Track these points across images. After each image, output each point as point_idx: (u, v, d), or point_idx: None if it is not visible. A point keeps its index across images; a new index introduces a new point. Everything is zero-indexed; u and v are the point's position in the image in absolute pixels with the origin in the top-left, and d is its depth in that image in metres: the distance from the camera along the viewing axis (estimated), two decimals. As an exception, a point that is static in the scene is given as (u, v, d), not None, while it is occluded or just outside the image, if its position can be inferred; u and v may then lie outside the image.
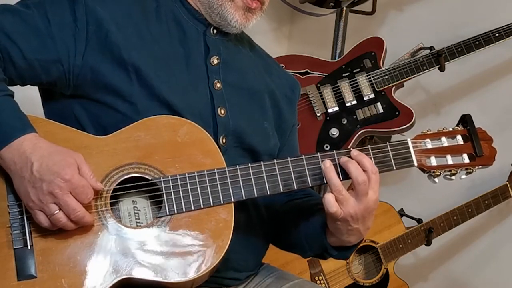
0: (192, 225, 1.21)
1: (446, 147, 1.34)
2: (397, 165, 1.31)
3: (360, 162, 1.25)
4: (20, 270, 1.14)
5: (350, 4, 2.51)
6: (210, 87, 1.37)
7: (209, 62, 1.39)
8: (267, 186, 1.25)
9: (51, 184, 1.12)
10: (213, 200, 1.23)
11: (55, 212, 1.13)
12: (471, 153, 1.34)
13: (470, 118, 1.36)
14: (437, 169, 1.33)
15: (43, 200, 1.12)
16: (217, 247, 1.20)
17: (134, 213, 1.24)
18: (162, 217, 1.21)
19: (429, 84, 2.65)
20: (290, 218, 1.46)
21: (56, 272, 1.15)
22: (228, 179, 1.24)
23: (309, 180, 1.27)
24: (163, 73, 1.31)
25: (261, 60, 1.56)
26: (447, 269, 2.67)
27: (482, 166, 1.36)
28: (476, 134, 1.35)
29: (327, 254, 1.39)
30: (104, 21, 1.28)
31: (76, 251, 1.16)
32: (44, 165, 1.13)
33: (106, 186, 1.20)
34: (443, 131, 1.35)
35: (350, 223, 1.26)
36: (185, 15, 1.40)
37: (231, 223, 1.23)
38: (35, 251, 1.15)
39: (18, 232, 1.16)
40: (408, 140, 1.32)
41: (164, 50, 1.34)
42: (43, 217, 1.14)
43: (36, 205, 1.13)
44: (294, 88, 1.59)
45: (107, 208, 1.19)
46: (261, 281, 1.47)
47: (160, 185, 1.22)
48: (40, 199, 1.13)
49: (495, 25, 2.28)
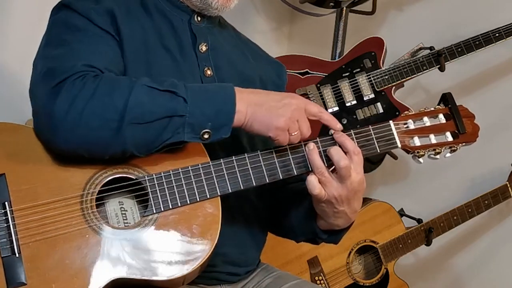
0: (180, 222, 1.21)
1: (428, 126, 1.34)
2: (381, 147, 1.31)
3: (342, 144, 1.26)
4: (9, 278, 1.13)
5: (350, 4, 2.51)
6: (201, 75, 1.38)
7: (198, 50, 1.39)
8: (252, 177, 1.25)
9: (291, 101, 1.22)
10: (199, 195, 1.22)
11: (296, 132, 1.23)
12: (454, 131, 1.35)
13: (451, 96, 1.37)
14: (421, 149, 1.34)
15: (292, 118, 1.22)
16: (206, 242, 1.20)
17: (121, 214, 1.24)
18: (149, 215, 1.21)
19: (429, 84, 2.65)
20: (282, 203, 1.47)
21: (46, 278, 1.14)
22: (213, 173, 1.24)
23: (294, 168, 1.27)
24: (168, 68, 1.32)
25: (246, 45, 1.57)
26: (447, 269, 2.67)
27: (465, 143, 1.36)
28: (457, 112, 1.36)
29: (318, 238, 1.40)
30: (117, 20, 1.29)
31: (65, 255, 1.15)
32: (265, 93, 1.25)
33: (91, 189, 1.20)
34: (425, 111, 1.36)
35: (335, 205, 1.27)
36: (167, 6, 1.40)
37: (218, 217, 1.22)
38: (23, 258, 1.14)
39: (5, 241, 1.14)
40: (390, 122, 1.33)
41: (162, 46, 1.35)
42: (286, 135, 1.22)
43: (287, 123, 1.21)
44: (280, 74, 1.60)
45: (93, 211, 1.19)
46: (260, 282, 1.47)
47: (145, 184, 1.21)
48: (286, 121, 1.21)
49: (495, 25, 2.28)
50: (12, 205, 1.16)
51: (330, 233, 1.38)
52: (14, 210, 1.16)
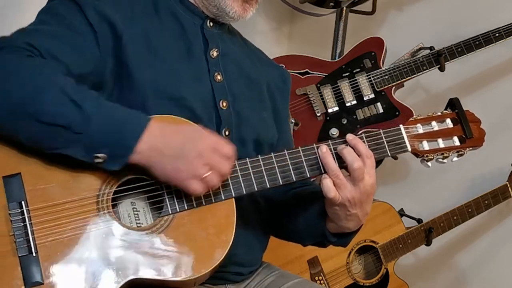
0: (196, 222, 1.21)
1: (437, 131, 1.36)
2: (391, 151, 1.33)
3: (354, 147, 1.27)
4: (26, 277, 1.13)
5: (350, 4, 2.51)
6: (211, 80, 1.38)
7: (209, 55, 1.40)
8: (266, 179, 1.26)
9: (195, 148, 1.15)
10: (214, 197, 1.23)
11: (208, 173, 1.16)
12: (461, 135, 1.37)
13: (458, 101, 1.38)
14: (430, 153, 1.36)
15: (194, 165, 1.15)
16: (222, 243, 1.20)
17: (133, 214, 1.24)
18: (165, 216, 1.21)
19: (429, 84, 2.65)
20: (289, 207, 1.47)
21: (63, 277, 1.14)
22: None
23: (307, 171, 1.28)
24: (167, 71, 1.32)
25: (252, 52, 1.58)
26: (447, 269, 2.67)
27: (472, 147, 1.38)
28: (465, 117, 1.37)
29: (327, 241, 1.40)
30: (116, 24, 1.28)
31: (82, 255, 1.16)
32: (181, 136, 1.17)
33: (107, 189, 1.20)
34: (433, 116, 1.37)
35: (348, 208, 1.28)
36: (181, 9, 1.41)
37: (233, 218, 1.23)
38: (40, 258, 1.14)
39: (22, 240, 1.14)
40: (401, 126, 1.34)
41: (168, 47, 1.35)
42: (198, 183, 1.16)
43: (188, 173, 1.15)
44: (285, 80, 1.61)
45: (109, 211, 1.19)
46: (262, 280, 1.48)
47: (160, 185, 1.22)
48: (191, 164, 1.15)
49: (495, 25, 2.28)
50: (28, 204, 1.16)
51: (339, 236, 1.38)
52: (31, 210, 1.16)
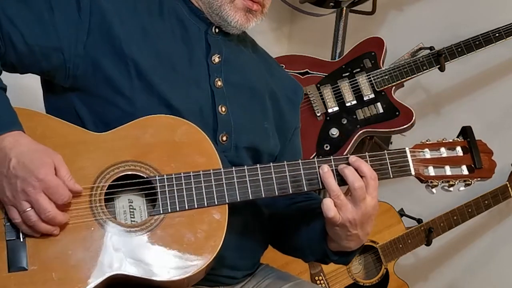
0: (185, 225, 1.21)
1: (445, 157, 1.33)
2: (394, 173, 1.30)
3: (358, 168, 1.25)
4: (11, 261, 1.14)
5: (350, 4, 2.51)
6: (211, 84, 1.38)
7: (210, 60, 1.39)
8: (262, 189, 1.25)
9: (24, 181, 1.12)
10: (207, 201, 1.22)
11: (27, 209, 1.12)
12: (470, 165, 1.34)
13: (471, 130, 1.35)
14: (435, 179, 1.32)
15: (16, 197, 1.13)
16: (209, 247, 1.20)
17: (129, 211, 1.24)
18: (156, 215, 1.21)
19: (429, 84, 2.65)
20: (292, 222, 1.46)
21: (47, 266, 1.15)
22: (223, 180, 1.24)
23: (304, 185, 1.27)
24: (163, 70, 1.32)
25: (263, 61, 1.56)
26: (447, 269, 2.67)
27: (481, 178, 1.35)
28: (476, 146, 1.34)
29: (328, 259, 1.39)
30: (108, 13, 1.29)
31: (68, 245, 1.16)
32: (21, 162, 1.13)
33: (101, 183, 1.20)
34: (443, 142, 1.34)
35: (349, 228, 1.26)
36: (187, 13, 1.40)
37: (224, 224, 1.22)
38: (27, 244, 1.15)
39: (11, 224, 1.16)
40: (407, 149, 1.32)
41: (166, 47, 1.35)
42: (16, 213, 1.14)
43: (10, 200, 1.14)
44: (297, 91, 1.59)
45: (101, 204, 1.19)
46: (259, 282, 1.46)
47: (155, 184, 1.22)
48: (13, 195, 1.13)
49: (495, 25, 2.28)
50: None
51: (341, 254, 1.37)
52: None
